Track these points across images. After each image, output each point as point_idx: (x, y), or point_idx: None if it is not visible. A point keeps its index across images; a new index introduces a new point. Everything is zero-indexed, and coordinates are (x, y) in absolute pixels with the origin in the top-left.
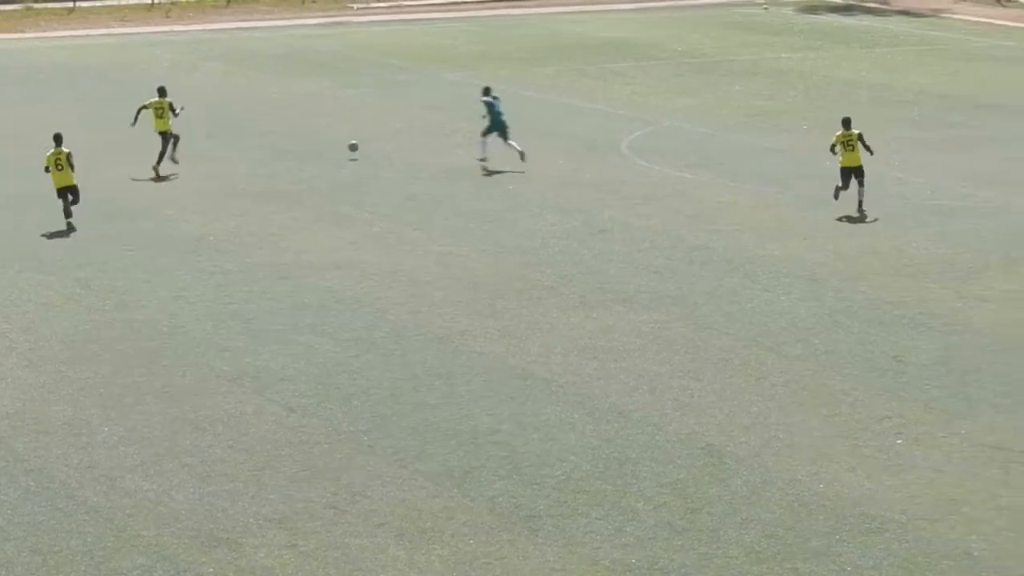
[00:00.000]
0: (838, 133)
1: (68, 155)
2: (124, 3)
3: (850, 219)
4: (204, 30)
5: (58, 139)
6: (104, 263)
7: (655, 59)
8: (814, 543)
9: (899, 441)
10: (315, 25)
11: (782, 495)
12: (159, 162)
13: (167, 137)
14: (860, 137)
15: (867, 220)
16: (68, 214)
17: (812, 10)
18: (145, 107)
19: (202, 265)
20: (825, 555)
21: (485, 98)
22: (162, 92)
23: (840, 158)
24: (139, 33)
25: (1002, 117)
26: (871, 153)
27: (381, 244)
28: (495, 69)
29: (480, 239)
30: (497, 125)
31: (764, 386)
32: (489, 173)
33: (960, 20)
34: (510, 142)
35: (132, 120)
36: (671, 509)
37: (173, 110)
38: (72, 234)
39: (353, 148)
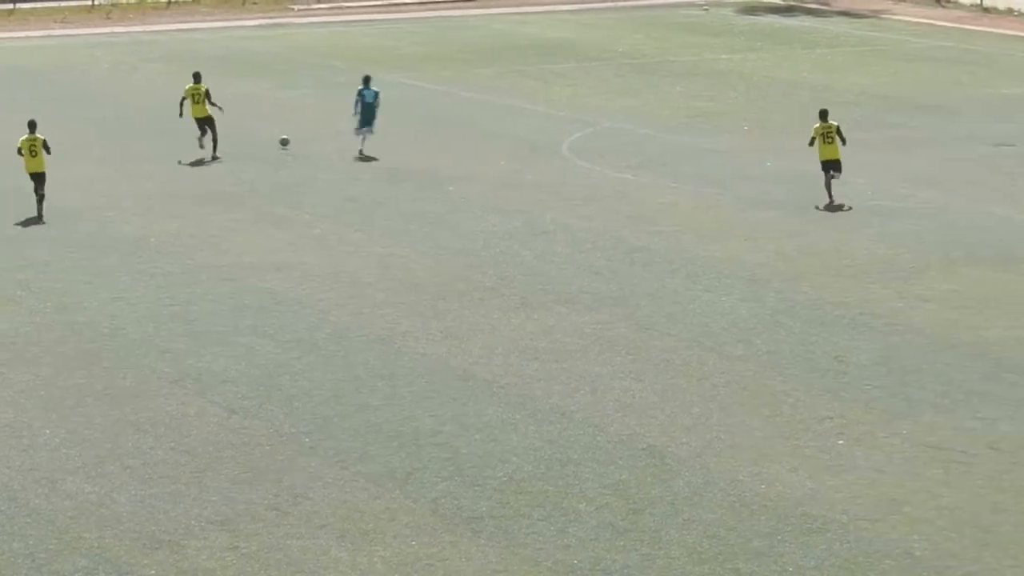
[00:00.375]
0: (816, 126)
1: (44, 142)
2: (64, 5)
3: (791, 220)
4: (144, 31)
5: (32, 126)
6: (45, 264)
7: (596, 60)
8: (756, 543)
9: (840, 441)
10: (255, 26)
11: (724, 496)
12: (214, 147)
13: (209, 122)
14: (838, 129)
15: (808, 220)
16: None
17: (752, 11)
18: (184, 97)
19: (143, 267)
20: (767, 555)
21: (360, 88)
22: (197, 78)
23: (818, 151)
24: (79, 35)
25: (941, 118)
26: (844, 143)
27: (322, 245)
28: (437, 70)
29: (421, 240)
30: (366, 116)
31: (706, 387)
32: (367, 160)
33: (900, 21)
34: (365, 133)
35: (179, 112)
36: (613, 510)
37: (209, 97)
38: (12, 236)
39: (284, 143)
